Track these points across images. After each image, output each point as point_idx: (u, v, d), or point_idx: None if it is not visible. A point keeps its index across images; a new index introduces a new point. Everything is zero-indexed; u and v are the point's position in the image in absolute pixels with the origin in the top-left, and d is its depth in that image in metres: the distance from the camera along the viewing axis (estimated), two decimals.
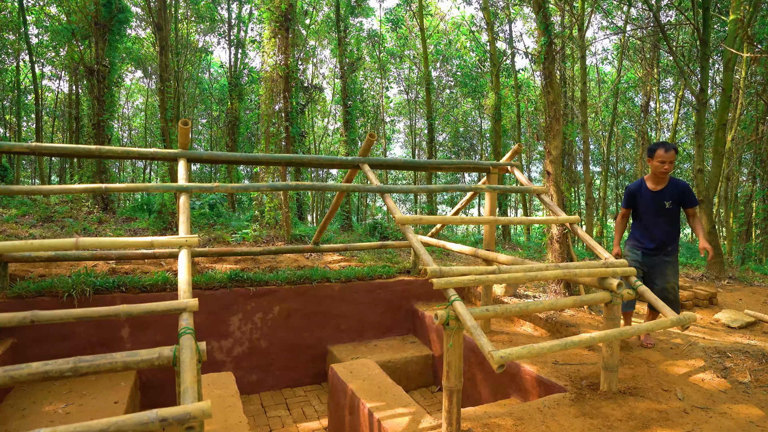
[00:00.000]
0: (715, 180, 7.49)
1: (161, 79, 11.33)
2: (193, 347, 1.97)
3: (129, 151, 3.69)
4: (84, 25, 9.39)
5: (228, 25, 17.03)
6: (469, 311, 2.44)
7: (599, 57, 19.30)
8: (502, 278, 2.85)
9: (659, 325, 2.81)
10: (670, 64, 15.68)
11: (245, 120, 17.64)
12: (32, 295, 4.03)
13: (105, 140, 9.24)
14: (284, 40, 7.99)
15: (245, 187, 3.86)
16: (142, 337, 4.35)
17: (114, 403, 3.42)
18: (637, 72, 17.21)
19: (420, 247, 3.11)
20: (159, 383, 4.36)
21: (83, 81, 10.85)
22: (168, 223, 7.91)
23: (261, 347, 4.93)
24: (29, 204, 8.30)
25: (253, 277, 4.96)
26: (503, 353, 2.19)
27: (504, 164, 4.70)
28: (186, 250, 2.70)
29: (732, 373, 3.35)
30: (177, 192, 3.29)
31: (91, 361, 1.83)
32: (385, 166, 4.68)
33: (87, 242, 2.59)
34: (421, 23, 15.88)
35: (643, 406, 2.88)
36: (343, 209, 11.67)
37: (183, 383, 1.79)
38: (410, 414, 2.98)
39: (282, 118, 8.13)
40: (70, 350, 4.06)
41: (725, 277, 6.86)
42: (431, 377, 5.07)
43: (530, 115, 21.58)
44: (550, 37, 5.70)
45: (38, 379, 1.75)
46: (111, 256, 4.53)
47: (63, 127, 18.36)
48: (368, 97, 18.98)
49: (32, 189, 3.24)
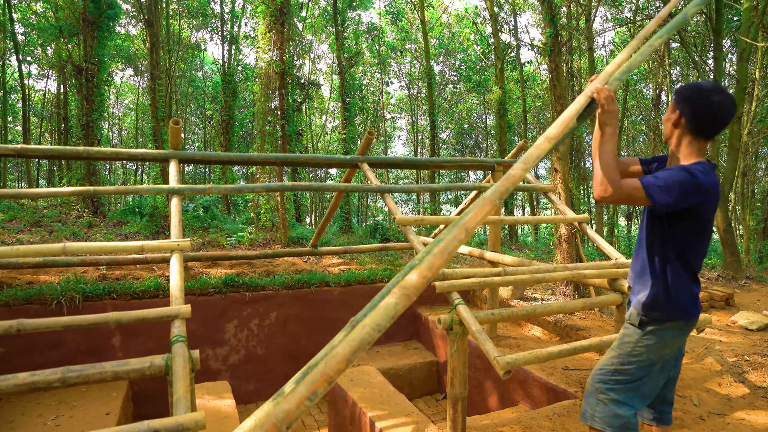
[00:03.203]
0: (730, 176, 7.47)
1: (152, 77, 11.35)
2: (186, 355, 1.97)
3: (118, 152, 3.70)
4: (72, 21, 9.42)
5: (221, 21, 17.07)
6: (474, 315, 2.44)
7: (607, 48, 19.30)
8: (508, 281, 2.85)
9: None
10: (682, 55, 15.66)
11: (240, 118, 17.68)
12: (20, 303, 4.04)
13: (94, 141, 9.26)
14: (279, 34, 8.01)
15: (240, 188, 3.87)
16: (133, 346, 4.36)
17: (105, 414, 3.42)
18: (647, 64, 17.19)
19: (422, 248, 3.11)
20: (152, 393, 4.37)
21: (71, 80, 10.88)
22: (160, 226, 7.93)
23: (258, 355, 4.93)
24: (16, 208, 8.33)
25: (249, 282, 4.96)
26: (509, 359, 2.19)
27: (509, 161, 4.70)
28: (178, 254, 2.71)
29: (750, 378, 3.34)
30: (169, 194, 3.30)
31: (80, 371, 1.83)
32: (386, 165, 4.69)
33: (75, 247, 2.60)
34: (422, 15, 15.89)
35: None
36: (343, 210, 11.67)
37: (176, 393, 1.79)
38: (414, 423, 2.97)
39: (278, 116, 8.14)
40: (60, 359, 4.06)
41: (742, 277, 6.84)
42: (435, 384, 5.06)
43: (537, 110, 21.57)
44: (557, 28, 5.70)
45: (25, 390, 1.75)
46: (101, 262, 4.53)
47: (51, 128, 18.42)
48: (368, 93, 18.99)
49: (19, 192, 3.25)
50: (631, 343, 1.86)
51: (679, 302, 1.80)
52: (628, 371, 1.83)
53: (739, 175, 12.64)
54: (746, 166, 13.20)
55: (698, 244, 1.81)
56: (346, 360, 1.13)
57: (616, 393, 1.83)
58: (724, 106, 1.72)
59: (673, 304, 1.80)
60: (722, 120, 1.74)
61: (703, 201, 1.71)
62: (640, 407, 1.85)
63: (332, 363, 1.14)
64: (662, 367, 1.86)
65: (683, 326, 1.83)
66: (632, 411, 1.82)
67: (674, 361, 1.94)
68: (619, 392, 1.83)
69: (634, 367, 1.82)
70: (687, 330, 1.86)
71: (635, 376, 1.83)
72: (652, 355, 1.82)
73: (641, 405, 1.85)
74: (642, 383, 1.83)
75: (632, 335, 1.87)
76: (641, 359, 1.82)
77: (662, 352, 1.83)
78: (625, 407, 1.81)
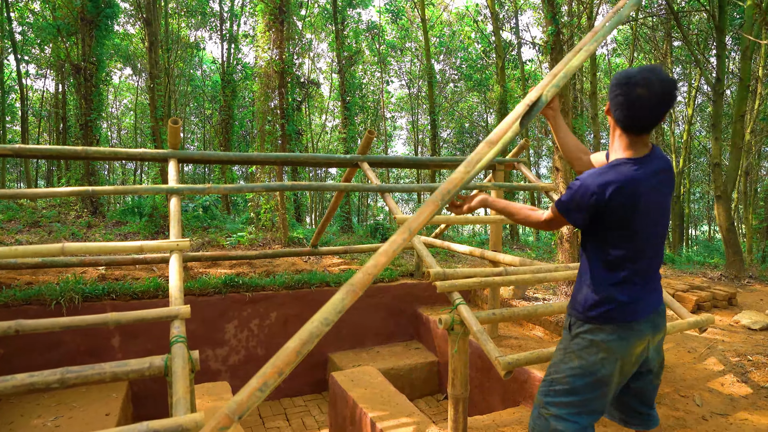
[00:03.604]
0: (733, 175, 7.46)
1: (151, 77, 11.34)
2: (185, 356, 1.98)
3: (117, 152, 3.70)
4: (70, 20, 9.42)
5: (220, 19, 17.07)
6: (475, 315, 2.44)
7: (609, 47, 19.27)
8: (510, 280, 2.85)
9: (675, 327, 2.80)
10: (685, 53, 15.64)
11: (239, 118, 17.68)
12: (18, 304, 4.04)
13: (93, 141, 9.25)
14: (279, 33, 8.01)
15: (239, 188, 3.87)
16: (133, 346, 4.36)
17: (105, 415, 3.43)
18: (650, 61, 17.18)
19: (423, 248, 3.11)
20: (152, 394, 4.37)
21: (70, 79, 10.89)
22: (160, 226, 7.93)
23: (258, 355, 4.93)
24: (15, 208, 8.33)
25: (249, 282, 4.96)
26: (511, 359, 2.19)
27: (510, 160, 4.70)
28: (177, 254, 2.71)
29: (753, 378, 3.34)
30: (168, 194, 3.30)
31: (78, 372, 1.84)
32: (386, 164, 4.69)
33: (74, 248, 2.60)
34: (422, 13, 15.88)
35: (660, 412, 2.87)
36: (343, 210, 11.68)
37: (175, 394, 1.79)
38: (414, 424, 2.97)
39: (277, 116, 8.14)
40: (59, 360, 4.06)
41: (745, 277, 6.83)
42: (436, 385, 5.06)
43: None
44: (558, 26, 5.69)
45: (24, 392, 1.75)
46: (100, 262, 4.54)
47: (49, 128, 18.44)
48: (368, 92, 19.00)
49: (17, 193, 3.25)
50: (562, 350, 1.77)
51: (603, 306, 1.66)
52: (564, 380, 1.71)
53: (742, 174, 12.63)
54: (749, 165, 13.19)
55: (628, 246, 1.65)
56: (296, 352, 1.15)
57: (556, 408, 1.70)
58: (648, 99, 1.52)
59: (597, 308, 1.67)
60: (649, 116, 1.55)
61: (600, 203, 1.57)
62: (584, 423, 1.68)
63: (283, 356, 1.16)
64: (605, 377, 1.66)
65: (619, 331, 1.65)
66: (575, 427, 1.66)
67: (638, 375, 1.78)
68: (559, 407, 1.69)
69: (568, 376, 1.69)
70: (630, 337, 1.66)
71: (572, 386, 1.68)
72: (585, 362, 1.67)
73: (586, 421, 1.69)
74: (583, 396, 1.67)
75: (563, 340, 1.79)
76: (573, 365, 1.69)
77: (597, 357, 1.66)
78: (565, 423, 1.67)
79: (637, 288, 1.69)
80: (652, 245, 1.70)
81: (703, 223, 26.60)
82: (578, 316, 1.73)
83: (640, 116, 1.56)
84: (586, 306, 1.71)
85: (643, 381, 1.81)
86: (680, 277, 6.72)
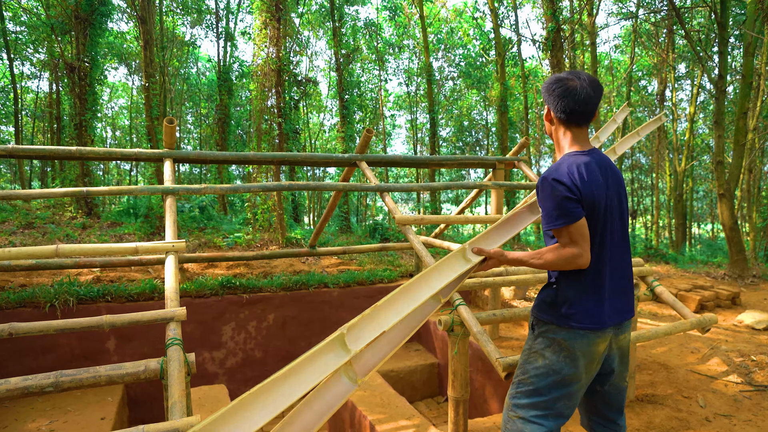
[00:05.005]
0: (736, 172, 7.47)
1: (146, 75, 11.35)
2: (181, 359, 1.97)
3: (112, 152, 3.69)
4: (64, 19, 9.41)
5: (216, 17, 17.05)
6: (475, 316, 2.44)
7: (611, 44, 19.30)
8: (510, 280, 2.85)
9: (677, 327, 2.80)
10: (687, 50, 15.66)
11: (236, 117, 17.66)
12: (12, 306, 4.04)
13: (87, 141, 9.25)
14: (276, 30, 8.00)
15: (236, 188, 3.86)
16: (128, 349, 4.36)
17: (101, 419, 3.42)
18: (651, 59, 17.20)
19: (422, 248, 3.11)
20: (148, 398, 4.37)
21: (64, 78, 10.87)
22: (155, 227, 7.92)
23: (255, 358, 4.93)
24: (9, 210, 8.32)
25: (246, 284, 4.96)
26: (511, 360, 2.19)
27: (511, 159, 4.70)
28: (173, 255, 2.70)
29: (757, 378, 3.34)
30: (163, 194, 3.29)
31: (73, 375, 1.83)
32: (385, 163, 4.69)
33: (68, 249, 2.59)
34: (420, 10, 15.89)
35: (663, 414, 2.88)
36: (341, 210, 11.68)
37: (171, 397, 1.79)
38: (414, 426, 2.97)
39: (275, 114, 8.14)
40: (53, 363, 4.06)
41: (749, 276, 6.84)
42: (437, 387, 5.07)
43: (539, 107, 21.58)
44: (558, 23, 5.70)
45: (18, 395, 1.75)
46: (95, 264, 4.53)
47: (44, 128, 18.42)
48: (366, 90, 18.99)
49: (10, 194, 3.24)
50: (527, 350, 1.80)
51: (563, 306, 1.69)
52: (528, 381, 1.73)
53: (744, 172, 12.64)
54: (752, 163, 13.20)
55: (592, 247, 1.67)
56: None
57: (523, 410, 1.72)
58: (583, 88, 1.70)
59: (559, 310, 1.70)
60: (585, 101, 1.70)
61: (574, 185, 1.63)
62: (550, 426, 1.68)
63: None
64: (569, 377, 1.68)
65: (579, 330, 1.67)
66: (541, 429, 1.67)
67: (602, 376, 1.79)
68: (526, 408, 1.71)
69: (533, 376, 1.72)
70: (590, 335, 1.67)
71: (536, 386, 1.71)
72: (548, 361, 1.69)
73: (552, 424, 1.69)
74: (548, 396, 1.69)
75: (528, 341, 1.82)
76: (537, 365, 1.72)
77: (559, 356, 1.68)
78: (531, 425, 1.68)
79: (600, 288, 1.71)
80: (615, 242, 1.74)
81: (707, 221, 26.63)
82: (540, 316, 1.77)
83: (578, 101, 1.70)
84: (546, 305, 1.75)
85: (607, 383, 1.82)
86: (683, 276, 6.73)
